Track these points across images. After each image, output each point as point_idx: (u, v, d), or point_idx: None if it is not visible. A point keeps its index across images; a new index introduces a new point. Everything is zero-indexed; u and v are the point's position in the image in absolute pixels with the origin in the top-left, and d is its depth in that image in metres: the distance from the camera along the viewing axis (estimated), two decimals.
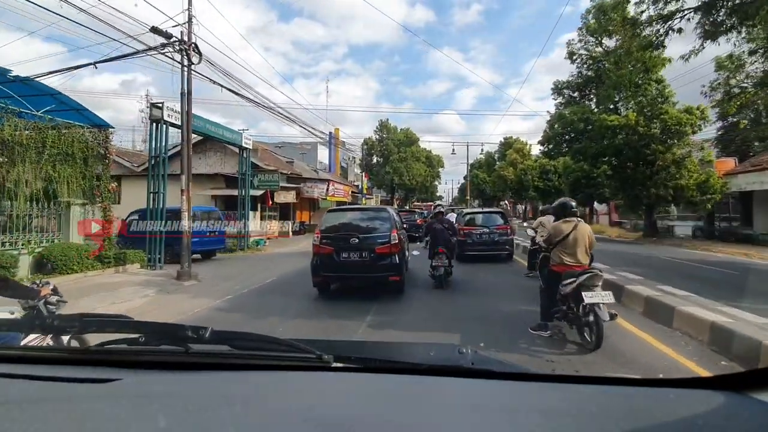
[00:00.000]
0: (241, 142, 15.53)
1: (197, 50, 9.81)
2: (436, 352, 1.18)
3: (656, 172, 19.55)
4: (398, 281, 6.93)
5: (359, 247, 6.77)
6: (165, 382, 0.98)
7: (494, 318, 5.81)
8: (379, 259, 6.76)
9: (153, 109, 10.97)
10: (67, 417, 0.81)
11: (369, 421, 0.80)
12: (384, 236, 6.89)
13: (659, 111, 18.74)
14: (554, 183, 35.94)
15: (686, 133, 18.10)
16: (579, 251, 4.56)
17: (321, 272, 6.95)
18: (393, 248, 6.83)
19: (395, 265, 6.83)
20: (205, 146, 20.19)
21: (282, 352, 1.06)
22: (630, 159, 20.32)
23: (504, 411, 0.84)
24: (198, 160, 21.02)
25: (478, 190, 58.52)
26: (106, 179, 9.97)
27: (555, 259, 4.69)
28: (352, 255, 6.79)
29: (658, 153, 18.61)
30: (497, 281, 8.99)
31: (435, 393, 0.92)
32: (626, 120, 18.53)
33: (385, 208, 8.11)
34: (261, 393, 0.93)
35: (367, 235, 6.90)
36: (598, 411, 0.82)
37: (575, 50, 21.89)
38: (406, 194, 50.92)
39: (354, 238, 6.81)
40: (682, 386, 0.91)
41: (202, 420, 0.79)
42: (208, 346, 1.05)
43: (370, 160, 44.60)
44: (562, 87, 22.53)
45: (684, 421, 0.76)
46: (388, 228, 7.02)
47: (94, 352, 1.13)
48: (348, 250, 6.80)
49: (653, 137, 18.22)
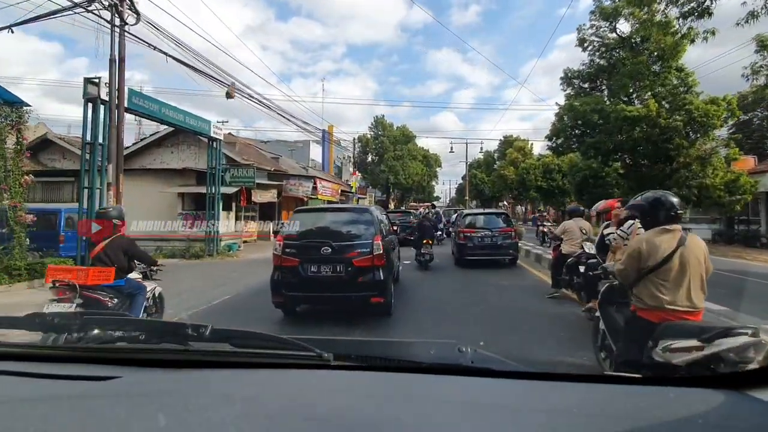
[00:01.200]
0: (210, 132, 13.48)
1: (134, 8, 7.77)
2: (436, 350, 1.16)
3: (676, 169, 17.66)
4: (382, 303, 5.53)
5: (333, 259, 5.42)
6: (165, 380, 0.99)
7: None
8: (359, 274, 5.42)
9: (88, 86, 8.84)
10: (68, 415, 0.81)
11: (369, 419, 0.79)
12: (365, 245, 5.54)
13: (682, 101, 16.83)
14: (558, 182, 34.01)
15: (714, 126, 16.17)
16: (690, 285, 2.57)
17: (282, 291, 5.52)
18: (376, 260, 5.48)
19: (379, 282, 5.46)
20: (177, 138, 18.14)
21: (282, 351, 1.06)
22: (647, 155, 18.40)
23: (504, 409, 0.84)
24: (170, 153, 18.97)
25: (477, 190, 56.61)
26: (17, 171, 7.83)
27: (645, 298, 2.66)
28: (324, 269, 5.44)
29: (682, 148, 16.69)
30: (512, 307, 6.61)
31: (435, 391, 0.92)
32: (646, 110, 16.59)
33: (367, 209, 6.73)
34: (261, 391, 0.92)
35: (343, 243, 5.57)
36: (599, 409, 0.83)
37: (586, 36, 19.94)
38: (402, 194, 48.92)
39: (326, 247, 5.44)
40: (681, 385, 0.94)
41: (202, 418, 0.78)
42: (208, 344, 1.06)
43: (364, 158, 42.57)
44: (572, 76, 20.56)
45: (684, 420, 0.76)
46: (370, 234, 5.65)
47: (94, 350, 1.13)
48: (318, 262, 5.43)
49: (676, 130, 16.29)
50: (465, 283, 8.93)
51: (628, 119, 16.86)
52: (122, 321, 1.27)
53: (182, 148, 18.31)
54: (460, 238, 11.11)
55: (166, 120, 11.28)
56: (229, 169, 14.58)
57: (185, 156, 18.04)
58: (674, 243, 2.59)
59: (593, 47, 20.15)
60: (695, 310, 2.58)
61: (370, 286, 5.44)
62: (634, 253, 2.65)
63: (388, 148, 40.66)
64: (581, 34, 20.03)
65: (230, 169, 14.53)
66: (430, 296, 7.54)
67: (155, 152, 18.78)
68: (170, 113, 11.36)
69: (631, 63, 17.36)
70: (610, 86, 19.83)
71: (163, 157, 18.78)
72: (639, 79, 17.61)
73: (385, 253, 5.66)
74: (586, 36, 19.98)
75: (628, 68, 17.40)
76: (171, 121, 11.39)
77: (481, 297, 7.32)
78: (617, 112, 17.22)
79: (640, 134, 16.79)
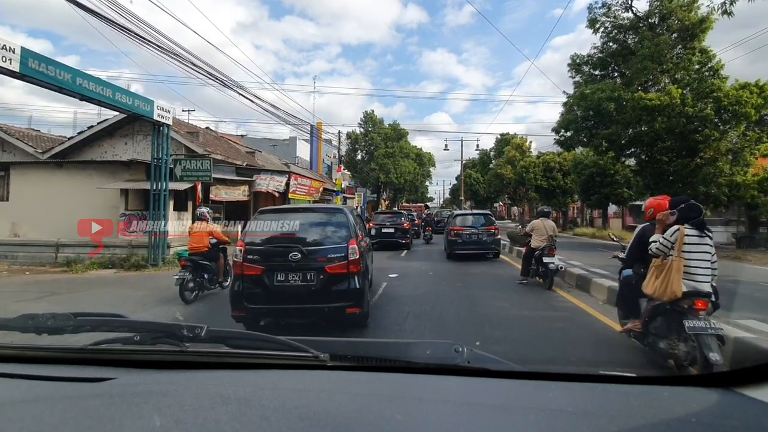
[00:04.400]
0: (153, 115, 10.98)
1: None
2: (432, 350, 1.14)
3: (701, 165, 15.50)
4: (358, 314, 5.10)
5: (302, 266, 4.96)
6: (160, 381, 0.98)
7: None
8: (332, 282, 4.98)
9: None
10: (62, 416, 0.81)
11: (365, 419, 0.80)
12: (339, 249, 5.11)
13: (710, 87, 14.67)
14: (559, 181, 31.83)
15: (748, 116, 13.99)
16: None
17: (244, 303, 4.98)
18: (352, 266, 5.05)
19: (355, 291, 5.04)
20: (133, 128, 15.70)
21: (278, 351, 1.07)
22: (669, 149, 16.22)
23: (500, 409, 0.85)
24: (123, 145, 16.42)
25: (472, 191, 54.42)
26: None
27: None
28: (292, 277, 4.96)
29: (711, 140, 14.53)
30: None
31: (431, 391, 0.92)
32: (669, 98, 14.41)
33: (341, 209, 6.05)
34: (257, 392, 0.91)
35: (314, 248, 5.12)
36: (594, 408, 0.85)
37: (598, 17, 17.74)
38: (395, 194, 46.52)
39: (295, 252, 4.97)
40: (675, 384, 0.97)
41: (198, 419, 0.78)
42: (203, 345, 1.07)
43: (354, 156, 40.11)
44: (581, 62, 18.33)
45: (678, 418, 0.77)
46: (345, 237, 5.22)
47: (89, 351, 1.14)
48: (285, 269, 4.97)
49: (706, 119, 14.11)
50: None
51: (648, 109, 14.66)
52: (117, 322, 1.21)
53: (138, 139, 15.83)
54: (451, 235, 12.69)
55: (85, 94, 8.76)
56: (180, 161, 12.08)
57: (141, 148, 15.51)
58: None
59: (605, 30, 17.98)
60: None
61: (344, 296, 4.98)
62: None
63: (379, 145, 38.19)
64: (592, 14, 17.87)
65: (181, 161, 12.02)
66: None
67: (106, 143, 16.29)
68: (89, 85, 8.85)
69: (652, 43, 15.15)
70: (622, 73, 17.70)
71: (116, 149, 16.29)
72: (660, 63, 15.41)
73: (361, 258, 5.21)
74: (598, 16, 17.80)
75: (648, 49, 15.19)
76: (91, 95, 8.86)
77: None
78: (635, 100, 15.03)
79: (662, 125, 14.58)
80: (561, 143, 18.33)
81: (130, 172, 14.05)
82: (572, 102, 17.24)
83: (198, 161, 11.97)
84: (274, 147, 30.19)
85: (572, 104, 17.11)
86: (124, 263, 11.70)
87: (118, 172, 14.22)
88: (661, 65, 15.48)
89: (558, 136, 18.31)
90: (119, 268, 11.67)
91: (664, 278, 3.33)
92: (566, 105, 17.67)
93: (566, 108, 17.60)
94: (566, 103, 17.76)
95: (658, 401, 0.84)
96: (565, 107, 17.80)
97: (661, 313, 3.53)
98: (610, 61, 18.19)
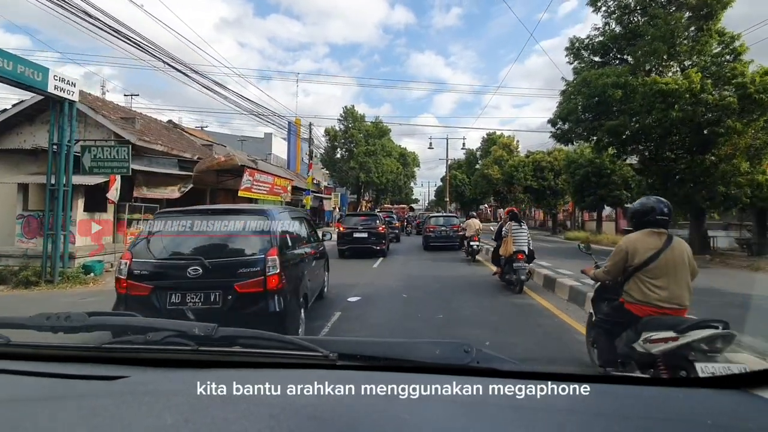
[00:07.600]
0: (47, 87, 8.38)
1: None
2: (440, 350, 1.14)
3: (716, 163, 13.57)
4: None
5: (205, 284, 3.94)
6: (172, 379, 0.99)
7: None
8: (244, 304, 3.98)
9: None
10: (76, 414, 0.82)
11: (373, 418, 0.80)
12: (254, 262, 4.06)
13: (731, 72, 12.74)
14: (550, 182, 29.92)
15: None
16: (676, 285, 2.84)
17: None
18: (270, 284, 3.99)
19: (274, 315, 3.99)
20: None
21: (287, 351, 1.08)
22: (680, 143, 14.26)
23: (510, 409, 0.84)
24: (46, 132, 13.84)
25: (457, 192, 52.41)
26: None
27: (633, 293, 2.93)
28: (191, 299, 3.93)
29: (733, 133, 12.57)
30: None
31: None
32: (687, 83, 12.41)
33: (264, 210, 4.61)
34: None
35: (220, 261, 4.08)
36: (606, 410, 0.83)
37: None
38: (377, 195, 44.10)
39: (195, 267, 3.95)
40: (689, 385, 0.96)
41: (208, 418, 0.78)
42: (214, 344, 1.07)
43: (333, 153, 37.59)
44: (580, 47, 16.29)
45: (692, 420, 0.76)
46: (263, 247, 4.15)
47: (102, 350, 1.13)
48: (183, 289, 3.95)
49: (728, 109, 12.14)
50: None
51: (663, 94, 12.64)
52: (130, 320, 1.22)
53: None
54: (426, 232, 16.98)
55: None
56: (89, 148, 9.47)
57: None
58: (660, 244, 2.87)
59: (607, 9, 15.99)
60: (680, 307, 2.83)
61: (260, 321, 3.85)
62: (621, 252, 2.98)
63: (360, 142, 35.76)
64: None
65: (90, 149, 9.42)
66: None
67: (26, 130, 13.51)
68: None
69: (664, 22, 13.14)
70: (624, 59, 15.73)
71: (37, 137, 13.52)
72: (673, 45, 13.43)
73: (284, 272, 4.18)
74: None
75: (660, 30, 13.18)
76: None
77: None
78: (648, 85, 12.99)
79: (678, 114, 12.57)
80: (558, 137, 16.23)
81: (38, 164, 11.37)
82: (572, 89, 15.16)
83: (113, 149, 9.38)
84: (242, 142, 27.43)
85: (572, 92, 15.03)
86: (14, 278, 9.08)
87: (23, 163, 11.52)
88: (674, 47, 13.50)
89: (555, 128, 16.20)
90: (8, 284, 9.04)
91: (506, 245, 8.02)
92: (564, 93, 15.58)
93: (564, 97, 15.51)
94: (564, 92, 15.68)
95: (672, 403, 0.84)
96: (563, 96, 15.71)
97: (506, 262, 8.02)
98: (611, 47, 16.20)
